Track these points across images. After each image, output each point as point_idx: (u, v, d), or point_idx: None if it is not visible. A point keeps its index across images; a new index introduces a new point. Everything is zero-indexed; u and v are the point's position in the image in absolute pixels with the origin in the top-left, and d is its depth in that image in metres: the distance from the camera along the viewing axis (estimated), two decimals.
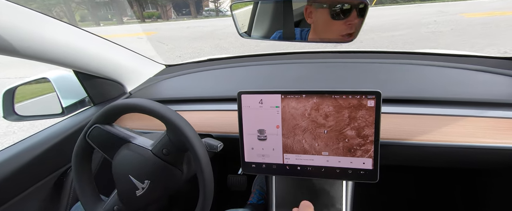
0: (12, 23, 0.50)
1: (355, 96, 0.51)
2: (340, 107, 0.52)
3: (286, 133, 0.56)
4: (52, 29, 0.58)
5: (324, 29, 0.62)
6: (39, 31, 0.55)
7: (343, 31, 0.58)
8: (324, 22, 0.61)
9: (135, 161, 0.53)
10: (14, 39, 0.51)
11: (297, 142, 0.56)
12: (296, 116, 0.54)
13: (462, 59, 0.76)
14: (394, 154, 0.60)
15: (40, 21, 0.56)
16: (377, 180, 0.53)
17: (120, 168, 0.54)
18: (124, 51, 0.81)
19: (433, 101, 0.61)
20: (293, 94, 0.53)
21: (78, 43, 0.65)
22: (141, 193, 0.53)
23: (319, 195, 0.62)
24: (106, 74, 0.76)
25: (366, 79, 0.73)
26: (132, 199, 0.53)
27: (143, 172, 0.52)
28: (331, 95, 0.52)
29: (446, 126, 0.56)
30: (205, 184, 0.49)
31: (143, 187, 0.52)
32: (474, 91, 0.62)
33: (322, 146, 0.55)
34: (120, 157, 0.54)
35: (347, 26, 0.57)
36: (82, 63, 0.68)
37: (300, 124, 0.54)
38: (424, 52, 0.84)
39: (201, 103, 0.75)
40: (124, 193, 0.54)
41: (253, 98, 0.55)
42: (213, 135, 0.68)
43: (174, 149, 0.53)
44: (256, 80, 0.82)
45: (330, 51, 0.91)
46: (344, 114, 0.52)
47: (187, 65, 0.99)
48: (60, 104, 0.74)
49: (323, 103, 0.52)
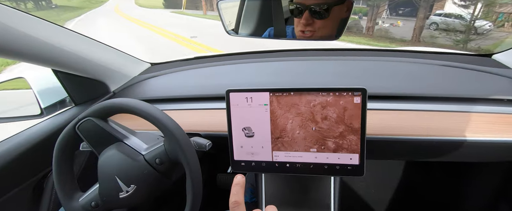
0: None
1: (342, 93, 0.52)
2: (328, 103, 0.52)
3: (275, 131, 0.56)
4: (26, 25, 0.55)
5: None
6: (13, 26, 0.52)
7: (300, 27, 0.61)
8: None
9: (125, 163, 0.51)
10: None
11: (286, 139, 0.56)
12: (285, 114, 0.54)
13: (445, 56, 0.79)
14: (380, 149, 0.61)
15: (14, 17, 0.52)
16: (364, 174, 0.55)
17: (107, 166, 0.52)
18: (106, 49, 0.78)
19: (417, 98, 0.63)
20: (281, 92, 0.54)
21: (58, 40, 0.61)
22: (125, 196, 0.51)
23: (308, 191, 0.63)
24: (87, 73, 0.73)
25: (353, 77, 0.74)
26: (113, 199, 0.52)
27: (131, 176, 0.51)
28: (319, 93, 0.52)
29: (429, 121, 0.58)
30: (194, 192, 0.49)
31: (127, 190, 0.51)
32: (456, 87, 0.65)
33: (310, 143, 0.55)
34: (109, 156, 0.52)
35: (300, 23, 0.60)
36: (62, 61, 0.64)
37: (289, 121, 0.55)
38: (409, 50, 0.86)
39: (188, 102, 0.73)
40: (106, 192, 0.52)
41: (241, 96, 0.55)
42: (202, 134, 0.67)
43: (168, 161, 0.51)
44: (244, 78, 0.81)
45: (317, 49, 0.92)
46: (331, 111, 0.53)
47: (173, 63, 0.97)
48: (39, 105, 0.70)
49: (311, 101, 0.53)
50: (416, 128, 0.58)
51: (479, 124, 0.57)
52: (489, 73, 0.69)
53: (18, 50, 0.54)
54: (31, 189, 0.68)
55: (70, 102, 0.77)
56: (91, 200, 0.53)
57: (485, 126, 0.56)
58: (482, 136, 0.56)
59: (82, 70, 0.71)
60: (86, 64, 0.71)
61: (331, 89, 0.52)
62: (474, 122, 0.57)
